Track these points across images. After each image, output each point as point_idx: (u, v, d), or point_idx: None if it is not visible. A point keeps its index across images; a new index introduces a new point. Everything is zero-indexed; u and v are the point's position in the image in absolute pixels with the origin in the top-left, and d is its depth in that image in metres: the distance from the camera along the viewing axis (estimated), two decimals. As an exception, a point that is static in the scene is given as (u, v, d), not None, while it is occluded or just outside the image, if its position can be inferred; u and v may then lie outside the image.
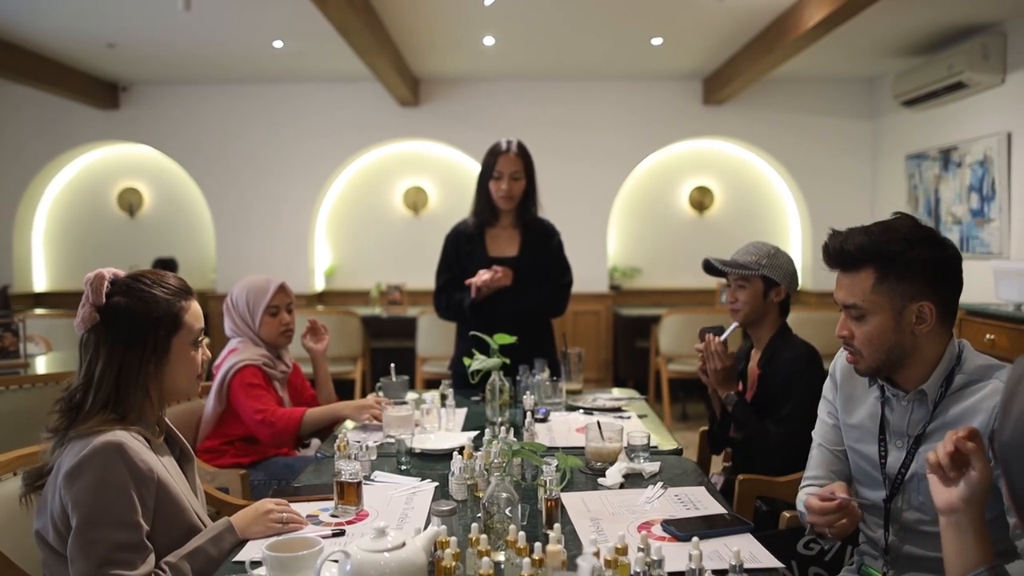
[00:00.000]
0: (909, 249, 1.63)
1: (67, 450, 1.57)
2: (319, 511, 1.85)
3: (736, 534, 1.67)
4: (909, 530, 1.72)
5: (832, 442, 1.92)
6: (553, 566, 1.31)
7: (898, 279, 1.64)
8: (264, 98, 7.25)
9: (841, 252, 1.70)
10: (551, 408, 2.87)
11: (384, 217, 7.58)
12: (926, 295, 1.64)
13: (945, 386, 1.67)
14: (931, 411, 1.68)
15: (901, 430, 1.73)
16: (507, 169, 3.26)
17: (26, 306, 6.96)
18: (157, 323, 1.66)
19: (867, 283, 1.66)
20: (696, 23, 5.50)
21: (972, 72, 5.24)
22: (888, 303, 1.65)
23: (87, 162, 7.65)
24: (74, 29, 5.51)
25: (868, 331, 1.67)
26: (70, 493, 1.52)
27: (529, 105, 7.21)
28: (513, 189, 3.28)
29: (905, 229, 1.66)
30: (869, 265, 1.66)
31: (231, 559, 1.59)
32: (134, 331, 1.65)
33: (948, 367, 1.67)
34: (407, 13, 5.24)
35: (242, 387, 2.77)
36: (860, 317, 1.68)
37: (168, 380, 1.70)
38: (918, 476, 1.67)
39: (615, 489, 2.01)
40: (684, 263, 7.40)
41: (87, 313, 1.63)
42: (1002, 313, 4.27)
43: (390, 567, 1.33)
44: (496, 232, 3.39)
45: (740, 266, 2.55)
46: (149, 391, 1.68)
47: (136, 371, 1.64)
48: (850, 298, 1.69)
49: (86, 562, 1.49)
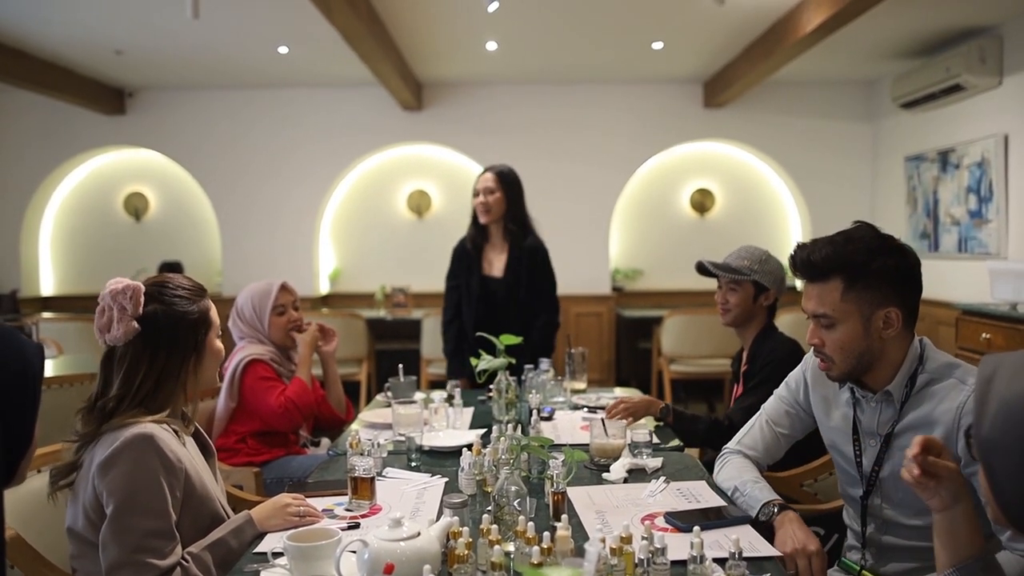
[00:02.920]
0: (874, 258, 1.70)
1: (100, 442, 1.64)
2: (334, 505, 1.91)
3: (736, 525, 1.73)
4: (889, 523, 1.79)
5: (779, 424, 2.03)
6: (562, 552, 1.38)
7: (865, 287, 1.70)
8: (269, 103, 7.32)
9: (809, 263, 1.76)
10: (556, 407, 2.93)
11: (388, 220, 7.65)
12: (892, 301, 1.71)
13: (910, 385, 1.74)
14: (898, 411, 1.76)
15: (872, 430, 1.81)
16: (481, 186, 3.67)
17: (34, 310, 7.03)
18: (196, 325, 1.77)
19: (836, 293, 1.72)
20: (696, 27, 5.57)
21: (969, 75, 5.30)
22: (857, 311, 1.72)
23: (93, 167, 7.71)
24: (82, 37, 5.58)
25: (838, 338, 1.74)
26: (104, 483, 1.59)
27: (531, 109, 7.28)
28: (487, 202, 3.62)
29: (868, 239, 1.73)
30: (837, 275, 1.72)
31: (252, 550, 1.65)
32: (176, 336, 1.73)
33: (911, 367, 1.75)
34: (411, 19, 5.31)
35: (255, 382, 2.83)
36: (830, 325, 1.75)
37: (202, 374, 1.81)
38: (894, 474, 1.73)
39: (619, 484, 2.07)
40: (686, 264, 7.38)
41: (128, 326, 1.68)
42: (998, 313, 4.33)
43: (406, 555, 1.39)
44: (490, 250, 3.74)
45: (733, 270, 2.63)
46: (187, 388, 1.78)
47: (178, 372, 1.74)
48: (820, 307, 1.75)
49: (119, 548, 1.56)
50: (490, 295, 3.69)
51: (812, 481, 2.36)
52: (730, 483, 1.93)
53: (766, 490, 1.86)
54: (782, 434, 2.03)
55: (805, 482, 2.36)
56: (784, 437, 2.04)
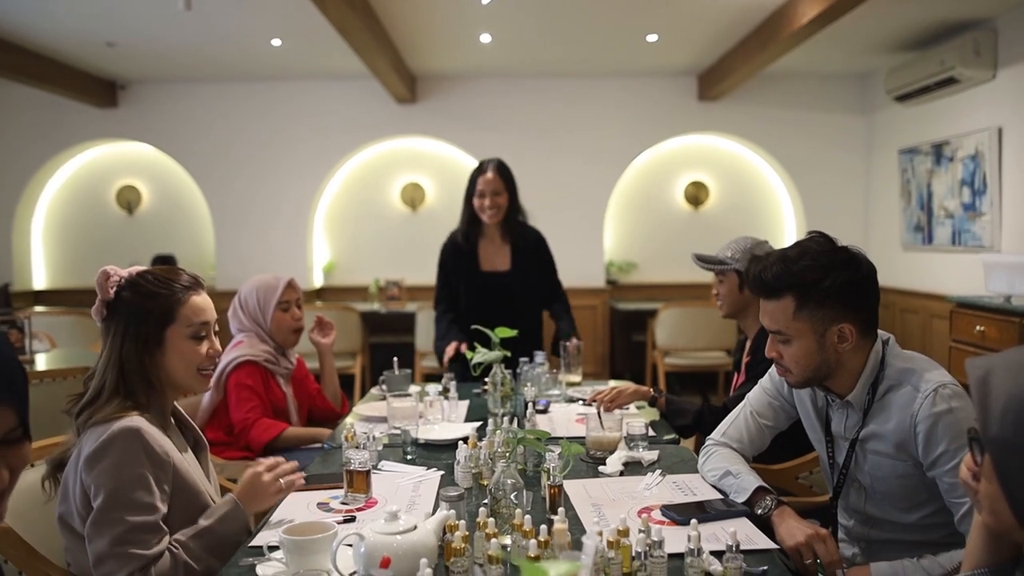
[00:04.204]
0: (824, 277, 1.70)
1: (87, 436, 1.64)
2: (329, 499, 1.91)
3: (732, 518, 1.73)
4: (874, 519, 1.82)
5: (763, 415, 2.04)
6: (559, 544, 1.37)
7: (817, 305, 1.71)
8: (262, 96, 7.28)
9: (760, 281, 1.77)
10: (551, 400, 2.93)
11: (382, 213, 7.63)
12: (845, 317, 1.72)
13: (872, 393, 1.76)
14: (862, 418, 1.78)
15: (840, 432, 1.85)
16: (488, 188, 3.50)
17: (26, 303, 6.99)
18: (148, 315, 1.74)
19: (788, 311, 1.73)
20: (691, 20, 5.56)
21: (963, 67, 5.30)
22: (810, 327, 1.73)
23: (86, 160, 7.67)
24: (73, 28, 5.54)
25: (794, 353, 1.76)
26: (91, 476, 1.59)
27: (525, 102, 7.26)
28: (496, 204, 3.49)
29: (819, 254, 1.73)
30: (788, 293, 1.73)
31: (247, 544, 1.64)
32: (131, 323, 1.73)
33: (871, 376, 1.76)
34: (405, 12, 5.28)
35: (237, 388, 2.83)
36: (785, 341, 1.77)
37: (165, 371, 1.76)
38: (872, 474, 1.77)
39: (615, 477, 2.07)
40: (680, 258, 7.45)
41: (97, 308, 1.75)
42: (992, 305, 4.35)
43: (403, 548, 1.39)
44: (486, 246, 3.62)
45: (717, 261, 2.63)
46: (151, 381, 1.75)
47: (135, 361, 1.72)
48: (774, 325, 1.77)
49: (103, 540, 1.56)
50: (491, 290, 3.58)
51: (807, 473, 2.37)
52: (719, 470, 1.93)
53: (758, 478, 1.87)
54: (766, 425, 2.04)
55: (800, 474, 2.37)
56: (768, 428, 2.05)
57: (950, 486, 1.61)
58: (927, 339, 6.00)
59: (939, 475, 1.63)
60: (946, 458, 1.61)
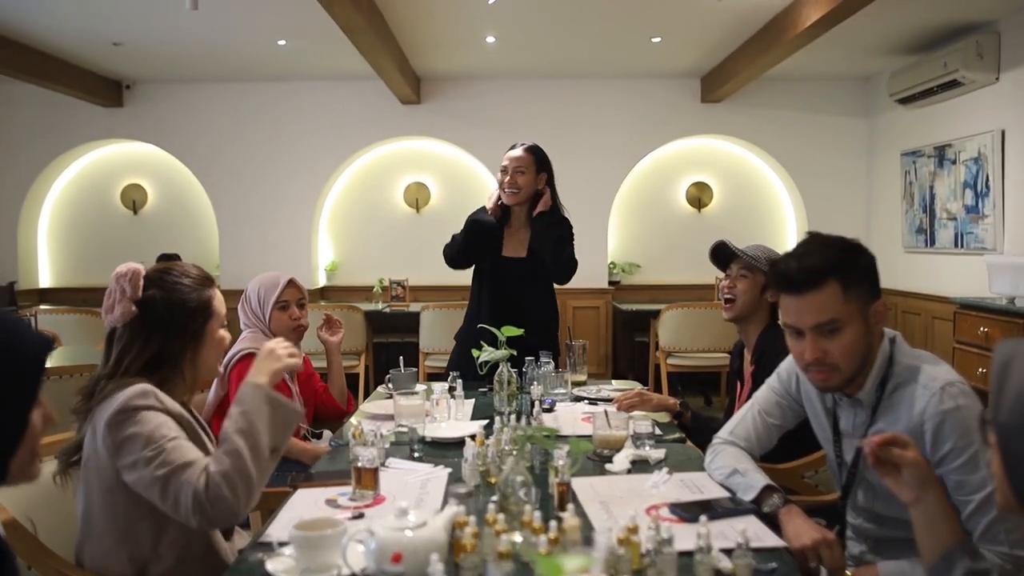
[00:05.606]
0: (858, 255, 1.73)
1: (99, 409, 1.65)
2: (337, 496, 1.91)
3: (741, 515, 1.74)
4: (881, 517, 1.83)
5: (770, 414, 2.05)
6: (571, 539, 1.38)
7: (857, 285, 1.72)
8: (267, 96, 7.30)
9: (802, 271, 1.72)
10: (557, 399, 2.94)
11: (386, 214, 7.65)
12: (876, 294, 1.75)
13: (880, 390, 1.76)
14: (870, 416, 1.78)
15: (849, 432, 1.85)
16: (511, 164, 3.43)
17: (32, 302, 7.02)
18: (194, 312, 1.76)
19: (836, 296, 1.71)
20: (695, 22, 5.57)
21: (966, 70, 5.32)
22: (858, 309, 1.72)
23: (91, 159, 7.70)
24: (80, 28, 5.56)
25: (847, 342, 1.71)
26: (120, 435, 1.60)
27: (529, 103, 7.28)
28: (515, 182, 3.40)
29: (838, 241, 1.76)
30: (831, 278, 1.71)
31: (257, 540, 1.65)
32: (173, 322, 1.74)
33: (881, 372, 1.76)
34: (410, 12, 5.30)
35: (239, 380, 2.83)
36: (834, 331, 1.71)
37: (202, 363, 1.81)
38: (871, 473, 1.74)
39: (622, 475, 2.08)
40: (682, 259, 7.47)
41: (126, 308, 1.71)
42: (995, 307, 4.36)
43: (414, 544, 1.40)
44: (511, 232, 3.52)
45: (751, 256, 2.63)
46: (185, 374, 1.78)
47: (176, 358, 1.74)
48: (824, 315, 1.71)
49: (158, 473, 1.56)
50: (508, 276, 3.47)
51: (814, 472, 2.37)
52: (726, 468, 1.94)
53: (765, 476, 1.87)
54: (774, 424, 2.05)
55: (807, 473, 2.38)
56: (775, 428, 2.05)
57: (957, 484, 1.61)
58: (929, 340, 6.00)
59: (946, 473, 1.64)
60: (953, 456, 1.62)
